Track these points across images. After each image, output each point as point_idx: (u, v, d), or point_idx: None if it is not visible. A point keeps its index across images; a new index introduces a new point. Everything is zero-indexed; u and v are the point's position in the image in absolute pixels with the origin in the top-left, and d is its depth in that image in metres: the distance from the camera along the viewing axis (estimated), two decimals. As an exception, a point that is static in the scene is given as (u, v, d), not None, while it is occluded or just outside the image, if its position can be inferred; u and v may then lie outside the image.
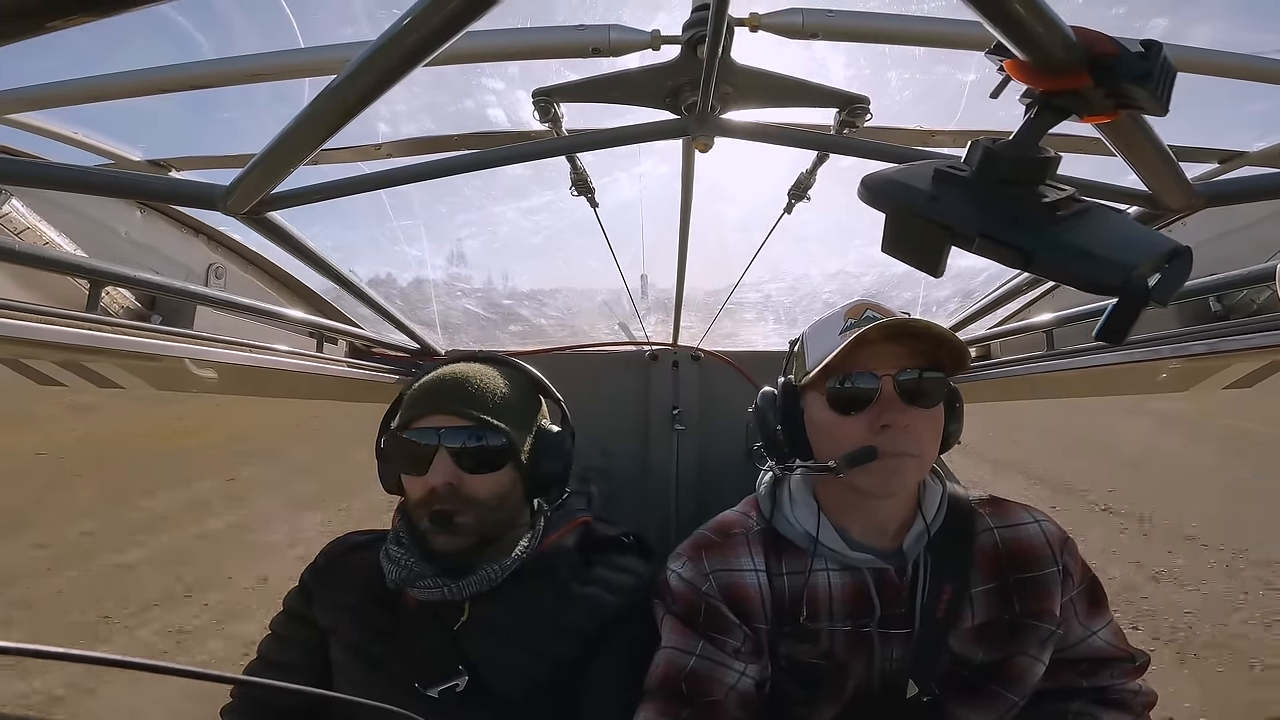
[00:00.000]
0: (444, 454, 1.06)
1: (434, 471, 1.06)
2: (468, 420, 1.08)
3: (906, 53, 1.15)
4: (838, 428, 1.02)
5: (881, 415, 0.98)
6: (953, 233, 0.48)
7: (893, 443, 0.97)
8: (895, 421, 0.97)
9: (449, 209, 2.31)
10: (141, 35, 1.10)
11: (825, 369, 1.01)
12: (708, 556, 1.10)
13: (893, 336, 0.99)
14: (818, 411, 1.05)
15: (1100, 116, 0.45)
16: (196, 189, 0.80)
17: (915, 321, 0.98)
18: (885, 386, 0.99)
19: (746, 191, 1.97)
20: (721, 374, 2.06)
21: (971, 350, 2.18)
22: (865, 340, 0.97)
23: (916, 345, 1.00)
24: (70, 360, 1.42)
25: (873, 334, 0.97)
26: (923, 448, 1.00)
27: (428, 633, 1.09)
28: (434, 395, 1.11)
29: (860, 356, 0.99)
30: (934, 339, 0.98)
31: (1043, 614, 1.05)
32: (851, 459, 0.96)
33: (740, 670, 1.03)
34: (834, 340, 1.01)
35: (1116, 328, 0.46)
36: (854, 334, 0.98)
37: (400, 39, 0.50)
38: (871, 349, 0.99)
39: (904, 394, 0.99)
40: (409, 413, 1.11)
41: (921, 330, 0.98)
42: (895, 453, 0.97)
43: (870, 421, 0.98)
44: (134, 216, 1.48)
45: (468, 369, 1.16)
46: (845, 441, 0.99)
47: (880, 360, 0.99)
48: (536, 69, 1.10)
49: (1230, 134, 1.34)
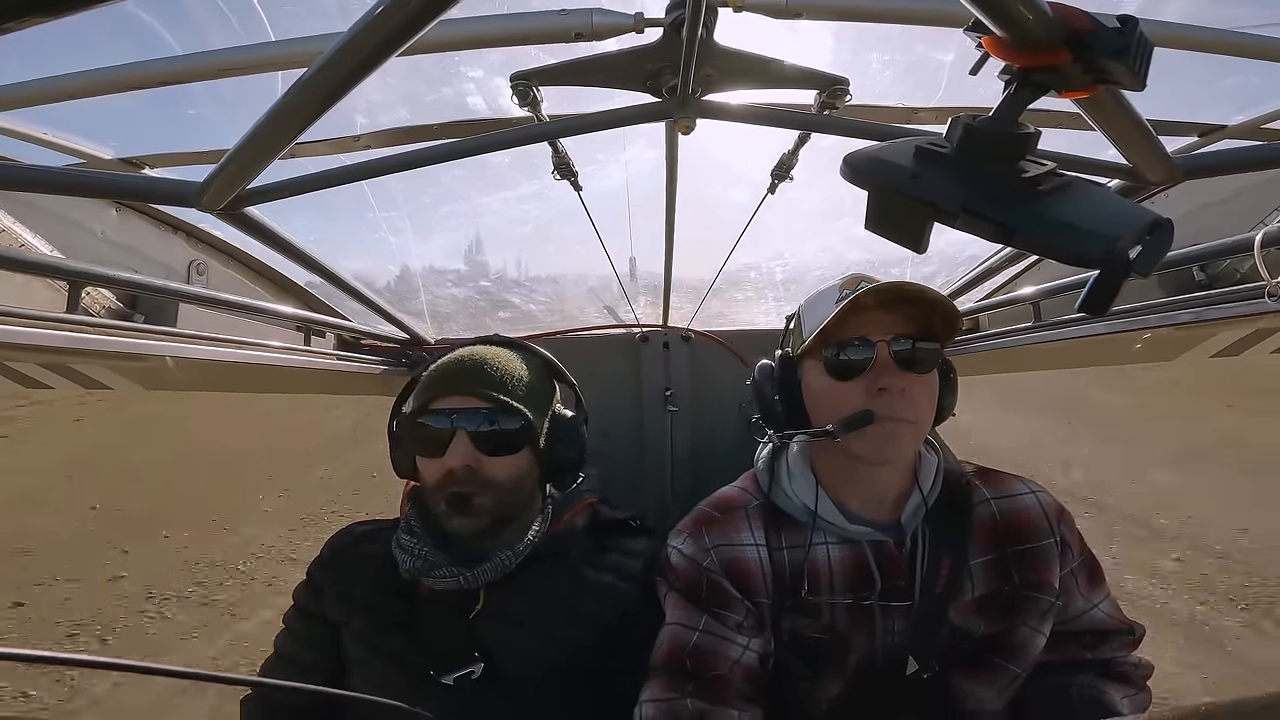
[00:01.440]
0: (462, 436, 1.05)
1: (452, 453, 1.05)
2: (486, 402, 1.07)
3: (888, 33, 1.14)
4: (835, 394, 1.02)
5: (878, 380, 0.98)
6: (935, 209, 0.48)
7: (889, 407, 0.97)
8: (892, 385, 0.98)
9: (433, 199, 2.30)
10: (108, 33, 1.07)
11: (821, 335, 1.01)
12: (708, 532, 1.10)
13: (887, 304, 1.00)
14: (815, 379, 1.06)
15: (1079, 92, 0.45)
16: (171, 186, 0.78)
17: (909, 285, 0.98)
18: (881, 352, 0.99)
19: (732, 172, 1.97)
20: (712, 354, 2.06)
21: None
22: (861, 306, 0.98)
23: (911, 312, 1.01)
24: (55, 362, 1.40)
25: (867, 299, 0.98)
26: (919, 413, 1.01)
27: (443, 621, 1.09)
28: (451, 377, 1.10)
29: (856, 323, 1.00)
30: (927, 303, 0.99)
31: (1042, 585, 1.06)
32: (848, 423, 0.97)
33: (744, 645, 1.03)
34: (830, 309, 1.02)
35: (1099, 299, 0.46)
36: (849, 300, 0.98)
37: (374, 28, 0.49)
38: (867, 316, 1.00)
39: (899, 360, 0.99)
40: (425, 395, 1.10)
41: (915, 294, 0.98)
42: (892, 417, 0.97)
43: (867, 386, 0.99)
44: (109, 216, 1.46)
45: (484, 351, 1.15)
46: (842, 407, 1.00)
47: (875, 326, 1.00)
48: (517, 56, 1.09)
49: (1208, 108, 1.35)
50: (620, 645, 1.09)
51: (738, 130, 1.05)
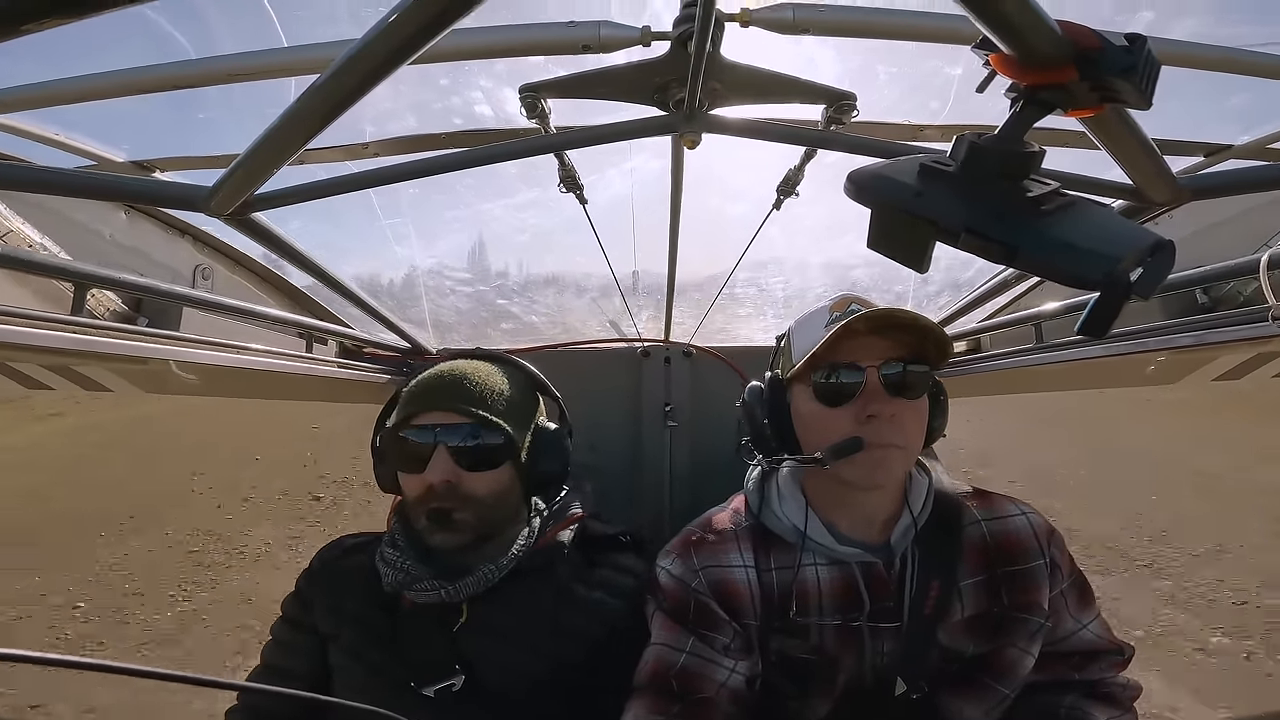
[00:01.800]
0: (442, 451, 1.05)
1: (432, 469, 1.05)
2: (465, 417, 1.07)
3: (895, 48, 1.15)
4: (823, 420, 1.02)
5: (867, 406, 0.98)
6: (938, 228, 0.48)
7: (878, 434, 0.97)
8: (881, 412, 0.97)
9: (437, 207, 2.30)
10: (123, 37, 1.09)
11: (811, 361, 1.01)
12: (697, 553, 1.10)
13: (877, 329, 0.99)
14: (804, 404, 1.05)
15: (1085, 110, 0.45)
16: (180, 190, 0.79)
17: (900, 312, 0.98)
18: (870, 378, 0.99)
19: (737, 187, 1.97)
20: (714, 369, 2.05)
21: (962, 343, 2.19)
22: (850, 332, 0.97)
23: (901, 337, 1.00)
24: (58, 364, 1.40)
25: (858, 325, 0.97)
26: (908, 439, 1.00)
27: (425, 634, 1.08)
28: (432, 392, 1.10)
29: (845, 348, 0.99)
30: (919, 331, 0.99)
31: (1031, 607, 1.06)
32: (837, 450, 0.96)
33: (730, 667, 1.03)
34: (819, 333, 1.02)
35: (1099, 321, 0.46)
36: (839, 326, 0.98)
37: (385, 37, 0.49)
38: (856, 341, 0.99)
39: (889, 385, 0.99)
40: (406, 410, 1.10)
41: (907, 322, 0.98)
42: (881, 444, 0.97)
43: (856, 413, 0.99)
44: (118, 218, 1.46)
45: (465, 366, 1.15)
46: (831, 433, 0.99)
47: (865, 352, 1.00)
48: (525, 67, 1.10)
49: (1214, 127, 1.35)
50: (606, 662, 1.08)
51: (743, 144, 1.06)
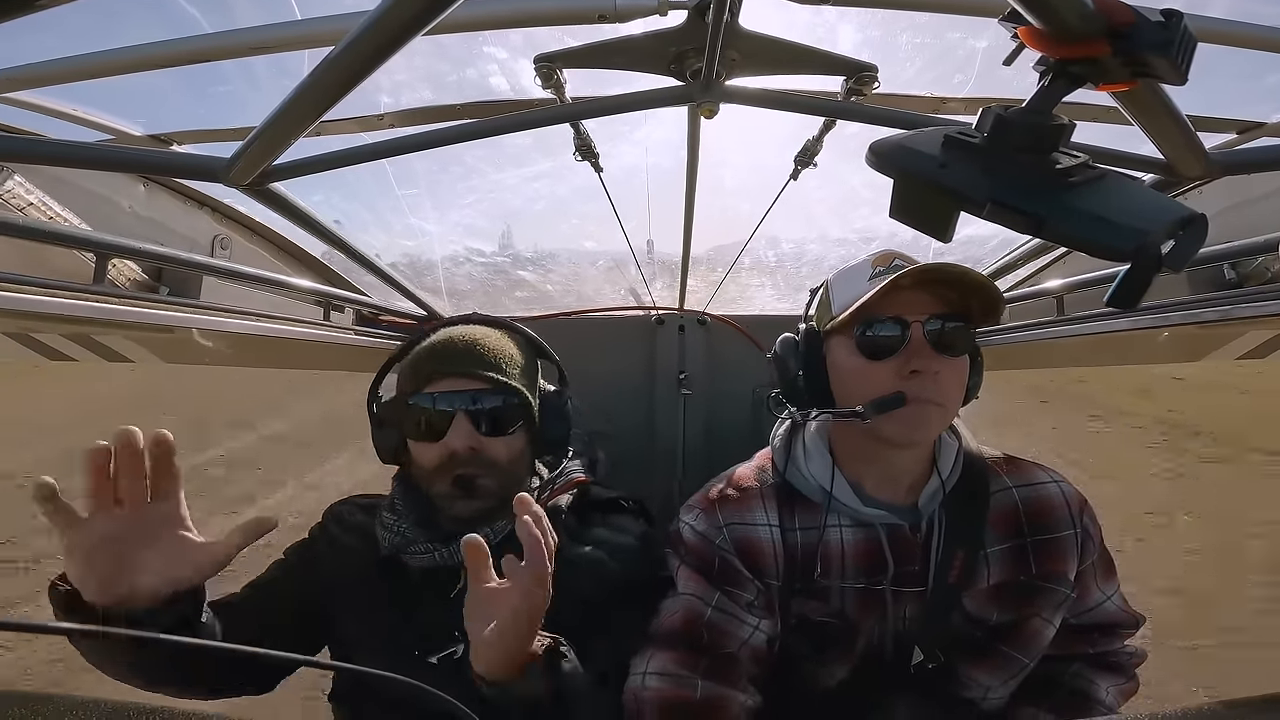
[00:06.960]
0: (463, 417, 1.04)
1: (454, 435, 1.03)
2: (484, 383, 1.06)
3: (917, 19, 1.11)
4: (864, 373, 0.99)
5: (910, 361, 0.95)
6: (962, 199, 0.47)
7: (921, 389, 0.95)
8: (925, 368, 0.95)
9: (452, 178, 2.29)
10: (138, 11, 1.08)
11: (855, 313, 0.98)
12: (721, 509, 1.09)
13: (924, 283, 0.97)
14: (843, 357, 1.02)
15: (1117, 85, 0.44)
16: (198, 162, 0.80)
17: (950, 267, 0.94)
18: (915, 332, 0.96)
19: (753, 157, 1.94)
20: (728, 338, 2.05)
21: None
22: (897, 285, 0.94)
23: (946, 294, 0.98)
24: (79, 334, 1.43)
25: (906, 279, 0.94)
26: (948, 397, 0.98)
27: (426, 600, 1.08)
28: (446, 358, 1.08)
29: (891, 302, 0.96)
30: (968, 285, 0.95)
31: (1058, 576, 1.05)
32: (880, 404, 0.94)
33: (754, 625, 1.03)
34: (863, 286, 0.99)
35: (1129, 293, 0.45)
36: (887, 279, 0.95)
37: (399, 8, 0.49)
38: (902, 295, 0.96)
39: (933, 341, 0.96)
40: (418, 377, 1.08)
41: (955, 277, 0.94)
42: (922, 400, 0.95)
43: (899, 367, 0.96)
44: (137, 191, 1.47)
45: (475, 331, 1.13)
46: (871, 388, 0.97)
47: (911, 306, 0.97)
48: (540, 37, 1.08)
49: (1248, 105, 1.31)
50: (604, 624, 1.06)
51: (761, 114, 1.04)
